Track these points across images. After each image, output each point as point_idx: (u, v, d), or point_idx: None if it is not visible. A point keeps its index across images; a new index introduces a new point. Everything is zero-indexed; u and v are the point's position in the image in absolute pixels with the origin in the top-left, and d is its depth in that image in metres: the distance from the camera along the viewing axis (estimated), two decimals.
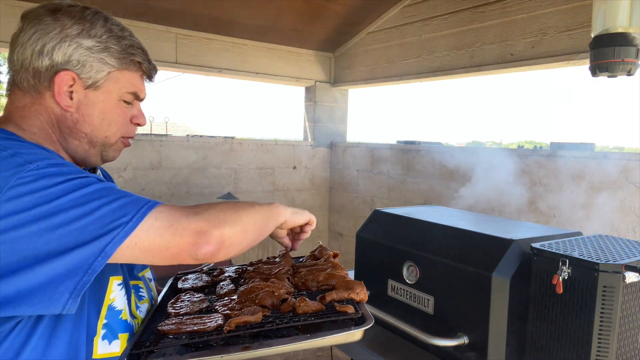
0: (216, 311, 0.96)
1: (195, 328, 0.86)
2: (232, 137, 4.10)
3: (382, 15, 3.96)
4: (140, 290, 1.03)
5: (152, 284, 1.13)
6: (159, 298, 1.12)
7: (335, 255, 1.19)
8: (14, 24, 0.92)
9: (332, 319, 0.87)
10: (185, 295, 1.07)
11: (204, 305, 1.01)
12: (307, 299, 0.92)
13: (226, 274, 1.22)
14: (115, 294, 0.89)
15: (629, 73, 1.74)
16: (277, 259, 1.21)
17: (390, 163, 3.94)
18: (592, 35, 1.80)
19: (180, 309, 0.98)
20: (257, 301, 0.93)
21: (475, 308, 1.41)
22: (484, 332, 1.38)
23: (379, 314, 1.70)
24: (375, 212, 1.97)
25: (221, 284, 1.14)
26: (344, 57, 4.51)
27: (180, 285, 1.16)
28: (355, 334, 0.84)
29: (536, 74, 3.15)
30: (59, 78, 0.87)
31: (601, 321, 1.17)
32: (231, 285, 1.11)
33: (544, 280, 1.29)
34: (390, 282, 1.76)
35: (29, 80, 0.88)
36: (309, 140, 4.66)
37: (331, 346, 1.95)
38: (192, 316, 0.93)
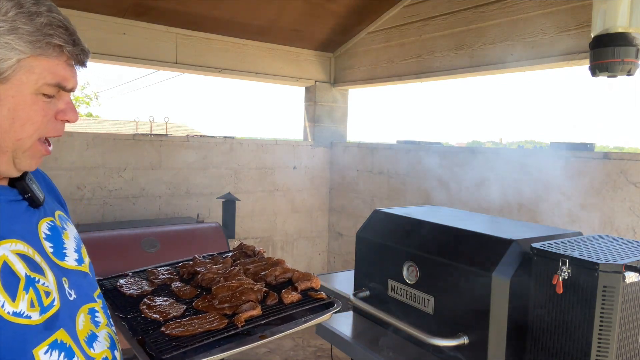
0: (204, 310, 1.03)
1: (207, 327, 0.92)
2: (232, 137, 4.10)
3: (382, 15, 3.96)
4: (96, 314, 0.89)
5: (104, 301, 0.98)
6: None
7: (263, 252, 1.37)
8: None
9: (314, 304, 1.07)
10: (154, 301, 1.07)
11: (183, 307, 1.05)
12: (290, 291, 1.09)
13: (163, 276, 1.24)
14: None
15: (629, 73, 1.74)
16: (203, 257, 1.33)
17: (390, 163, 3.94)
18: (592, 35, 1.81)
19: (164, 313, 1.00)
20: (243, 297, 1.04)
21: (475, 308, 1.41)
22: (484, 332, 1.38)
23: (379, 314, 1.70)
24: (375, 212, 1.97)
25: (175, 284, 1.18)
26: (344, 57, 4.51)
27: (128, 292, 1.14)
28: (330, 315, 1.06)
29: (536, 74, 3.15)
30: None
31: (601, 321, 1.17)
32: (188, 286, 1.17)
33: (544, 280, 1.29)
34: (390, 282, 1.76)
35: None
36: (309, 140, 4.66)
37: (331, 346, 1.95)
38: (187, 319, 0.98)
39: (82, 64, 0.80)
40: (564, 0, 2.71)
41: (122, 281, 1.19)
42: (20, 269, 0.73)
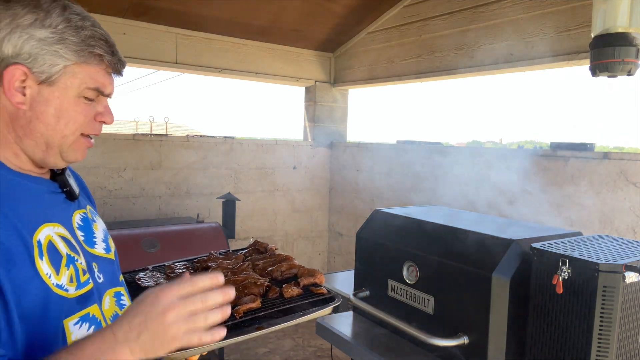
0: None
1: None
2: (232, 137, 4.10)
3: (382, 15, 3.96)
4: (122, 297, 0.99)
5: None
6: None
7: (275, 249, 1.42)
8: None
9: (314, 299, 1.10)
10: None
11: None
12: (291, 286, 1.12)
13: (179, 271, 1.30)
14: (76, 334, 0.82)
15: (629, 73, 1.74)
16: (219, 253, 1.40)
17: (390, 163, 3.94)
18: (592, 35, 1.80)
19: None
20: (246, 291, 1.08)
21: (475, 308, 1.41)
22: (484, 332, 1.38)
23: (379, 314, 1.70)
24: (375, 212, 1.97)
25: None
26: (344, 57, 4.51)
27: (144, 284, 1.22)
28: (330, 309, 1.09)
29: (536, 74, 3.15)
30: (8, 73, 0.80)
31: (601, 321, 1.17)
32: None
33: (544, 280, 1.29)
34: (390, 282, 1.76)
35: None
36: (309, 140, 4.66)
37: (331, 346, 1.95)
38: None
39: (119, 72, 0.91)
40: (564, 0, 2.71)
41: (141, 274, 1.27)
42: (62, 248, 0.84)
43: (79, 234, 0.93)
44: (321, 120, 4.66)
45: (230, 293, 0.75)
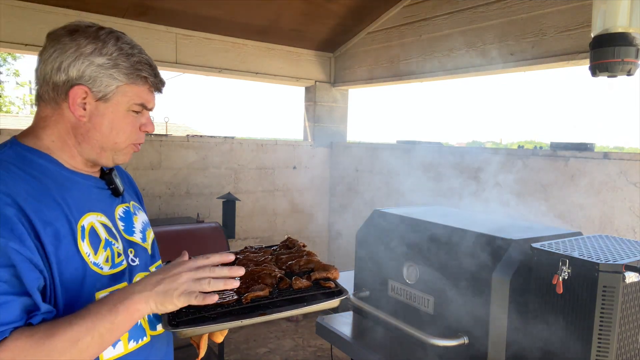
0: (225, 290, 1.13)
1: (219, 301, 1.02)
2: (232, 137, 4.10)
3: (382, 15, 3.96)
4: None
5: None
6: None
7: (304, 245, 1.46)
8: (15, 24, 0.94)
9: (320, 292, 1.14)
10: None
11: None
12: (300, 278, 1.17)
13: None
14: None
15: (629, 73, 1.74)
16: (254, 248, 1.48)
17: (390, 163, 3.94)
18: (592, 35, 1.80)
19: None
20: (259, 281, 1.14)
21: (475, 308, 1.41)
22: (484, 332, 1.38)
23: (379, 314, 1.70)
24: (375, 212, 1.97)
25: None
26: (344, 57, 4.51)
27: None
28: (335, 302, 1.12)
29: (536, 74, 3.15)
30: (73, 91, 0.98)
31: (601, 321, 1.17)
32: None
33: (544, 280, 1.29)
34: (390, 282, 1.76)
35: (49, 93, 1.00)
36: (309, 140, 4.66)
37: (331, 346, 1.95)
38: (209, 293, 1.09)
39: (159, 91, 1.11)
40: (564, 0, 2.71)
41: None
42: (102, 233, 1.03)
43: (120, 224, 1.12)
44: (321, 120, 4.66)
45: (239, 271, 0.96)
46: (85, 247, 0.97)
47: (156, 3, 3.31)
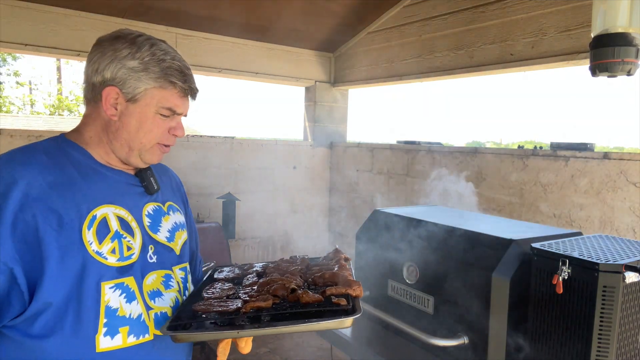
0: (238, 297, 1.13)
1: (220, 309, 1.04)
2: (232, 137, 4.10)
3: (382, 15, 3.96)
4: (171, 280, 1.17)
5: (188, 277, 1.27)
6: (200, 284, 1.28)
7: (346, 259, 1.35)
8: (15, 24, 0.94)
9: (328, 308, 1.04)
10: (218, 284, 1.23)
11: (231, 292, 1.17)
12: (309, 291, 1.09)
13: (254, 268, 1.35)
14: (109, 295, 1.01)
15: (629, 73, 1.74)
16: (297, 258, 1.43)
17: (390, 163, 3.94)
18: (592, 35, 1.80)
19: (212, 294, 1.16)
20: (270, 291, 1.10)
21: (475, 308, 1.41)
22: (484, 332, 1.38)
23: (379, 314, 1.70)
24: (375, 212, 1.97)
25: (247, 276, 1.29)
26: (344, 57, 4.51)
27: (216, 275, 1.33)
28: (345, 322, 1.00)
29: (536, 74, 3.15)
30: (106, 92, 1.05)
31: (601, 321, 1.17)
32: (255, 278, 1.27)
33: (544, 280, 1.29)
34: (390, 282, 1.76)
35: (89, 93, 1.08)
36: (309, 140, 4.66)
37: (331, 346, 1.95)
38: (219, 300, 1.11)
39: (192, 97, 1.15)
40: (564, 0, 2.71)
41: (225, 268, 1.38)
42: (114, 225, 1.05)
43: (146, 220, 1.14)
44: (321, 120, 4.66)
45: None
46: (89, 235, 1.00)
47: (156, 3, 3.31)
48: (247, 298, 1.10)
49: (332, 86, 4.66)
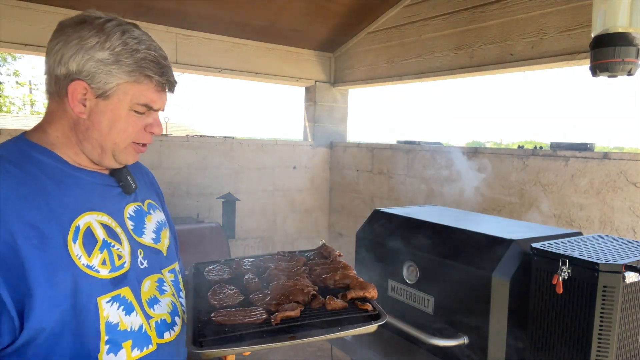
0: (255, 304, 1.09)
1: (247, 320, 0.99)
2: (232, 137, 4.10)
3: (382, 15, 3.96)
4: (164, 284, 1.09)
5: (179, 277, 1.17)
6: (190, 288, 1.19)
7: (340, 255, 1.35)
8: (15, 24, 0.94)
9: (356, 315, 1.04)
10: (219, 288, 1.17)
11: (241, 297, 1.12)
12: (334, 298, 1.08)
13: (245, 267, 1.31)
14: (107, 311, 0.93)
15: (629, 73, 1.74)
16: (287, 254, 1.39)
17: (390, 163, 3.94)
18: (592, 35, 1.80)
19: (222, 300, 1.09)
20: (290, 297, 1.07)
21: (475, 308, 1.41)
22: (484, 332, 1.38)
23: None
24: (375, 212, 1.97)
25: (246, 277, 1.24)
26: (344, 57, 4.51)
27: (209, 277, 1.25)
28: (372, 327, 1.01)
29: (536, 74, 3.15)
30: (72, 86, 0.93)
31: (601, 321, 1.17)
32: (257, 279, 1.22)
33: (544, 280, 1.29)
34: (390, 282, 1.76)
35: (52, 86, 0.96)
36: (309, 140, 4.66)
37: (331, 346, 1.95)
38: (237, 309, 1.05)
39: (170, 90, 1.02)
40: (564, 0, 2.71)
41: (211, 267, 1.31)
42: (100, 234, 0.95)
43: (129, 223, 1.05)
44: (321, 120, 4.66)
45: None
46: (76, 249, 0.90)
47: (156, 3, 3.31)
48: (269, 307, 1.05)
49: (332, 86, 4.66)
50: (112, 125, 0.96)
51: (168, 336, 1.05)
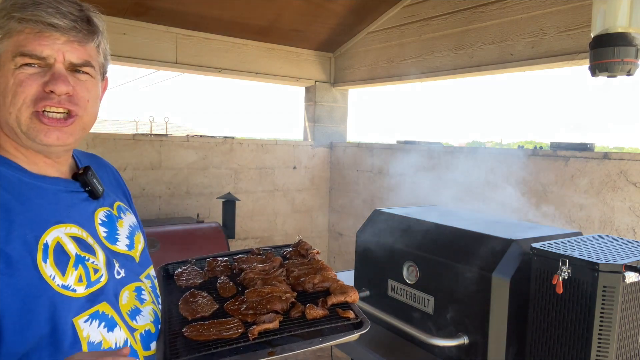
0: (230, 314, 1.02)
1: (222, 334, 0.93)
2: (232, 137, 4.10)
3: (382, 15, 3.96)
4: (143, 292, 1.01)
5: (155, 283, 1.10)
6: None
7: (317, 252, 1.32)
8: None
9: (338, 324, 0.99)
10: (191, 297, 1.09)
11: (215, 306, 1.06)
12: (314, 306, 1.03)
13: (219, 268, 1.26)
14: (87, 330, 0.84)
15: (629, 73, 1.74)
16: (261, 252, 1.34)
17: (390, 163, 3.94)
18: (592, 35, 1.80)
19: (194, 311, 1.03)
20: (268, 306, 1.01)
21: (475, 308, 1.41)
22: (484, 332, 1.38)
23: (379, 314, 1.70)
24: (375, 212, 1.97)
25: (220, 280, 1.18)
26: (344, 57, 4.51)
27: (179, 282, 1.19)
28: (354, 336, 0.98)
29: (536, 74, 3.15)
30: None
31: (601, 321, 1.17)
32: (231, 283, 1.17)
33: (544, 280, 1.29)
34: (390, 282, 1.76)
35: None
36: (309, 140, 4.66)
37: (331, 346, 1.95)
38: (212, 321, 0.99)
39: (52, 26, 0.82)
40: (564, 0, 2.71)
41: (180, 269, 1.25)
42: (72, 249, 0.85)
43: (101, 230, 0.96)
44: (321, 120, 4.66)
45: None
46: (48, 269, 0.80)
47: (156, 3, 3.31)
48: (245, 319, 0.99)
49: (332, 86, 4.66)
50: (3, 94, 0.82)
51: (154, 347, 0.98)
